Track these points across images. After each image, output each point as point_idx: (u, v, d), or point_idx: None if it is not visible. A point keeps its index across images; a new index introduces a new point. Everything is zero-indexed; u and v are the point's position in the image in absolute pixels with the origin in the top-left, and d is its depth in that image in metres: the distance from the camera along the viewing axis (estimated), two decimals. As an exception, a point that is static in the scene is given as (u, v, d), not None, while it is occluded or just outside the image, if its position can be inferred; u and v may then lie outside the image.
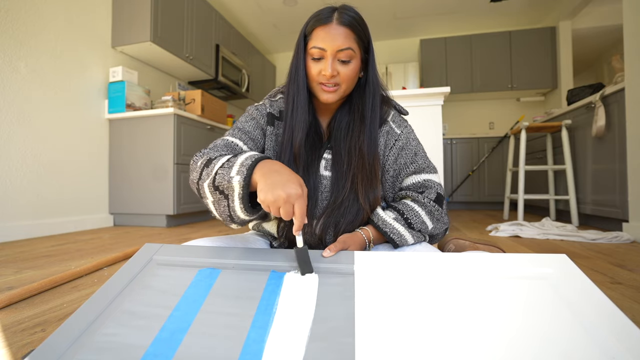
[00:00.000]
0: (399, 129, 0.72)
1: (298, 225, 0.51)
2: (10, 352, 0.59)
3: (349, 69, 0.64)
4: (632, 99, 1.82)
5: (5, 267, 1.24)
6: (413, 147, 0.71)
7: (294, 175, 0.52)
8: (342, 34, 0.62)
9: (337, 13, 0.63)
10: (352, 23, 0.63)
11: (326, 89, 0.64)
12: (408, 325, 0.42)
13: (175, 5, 2.76)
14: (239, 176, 0.53)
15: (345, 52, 0.62)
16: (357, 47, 0.64)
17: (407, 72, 4.30)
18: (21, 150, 1.92)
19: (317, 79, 0.65)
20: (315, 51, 0.63)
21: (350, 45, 0.62)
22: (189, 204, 2.52)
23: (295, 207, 0.50)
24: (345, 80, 0.64)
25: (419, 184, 0.69)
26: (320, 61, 0.64)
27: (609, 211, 2.07)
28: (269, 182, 0.50)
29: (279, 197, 0.49)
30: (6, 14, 1.86)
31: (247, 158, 0.55)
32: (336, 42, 0.62)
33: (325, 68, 0.63)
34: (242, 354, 0.40)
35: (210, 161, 0.59)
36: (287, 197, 0.49)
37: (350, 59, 0.63)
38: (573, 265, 0.49)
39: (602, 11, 3.66)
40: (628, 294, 0.92)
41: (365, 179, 0.66)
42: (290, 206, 0.50)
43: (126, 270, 0.56)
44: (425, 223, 0.65)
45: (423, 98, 2.05)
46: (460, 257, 0.52)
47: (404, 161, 0.70)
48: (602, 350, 0.36)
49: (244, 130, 0.70)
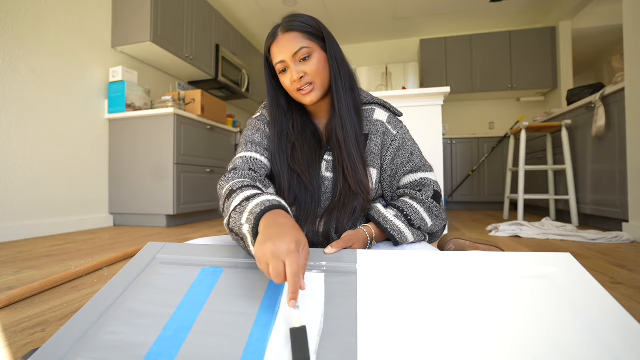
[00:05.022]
0: (395, 130, 0.73)
1: (292, 292, 0.41)
2: (10, 352, 0.59)
3: (312, 64, 0.66)
4: (632, 99, 1.82)
5: (5, 267, 1.23)
6: (409, 147, 0.73)
7: (294, 230, 0.46)
8: (290, 39, 0.66)
9: (280, 26, 0.68)
10: (295, 26, 0.66)
11: (303, 92, 0.67)
12: (411, 324, 0.42)
13: (175, 5, 2.76)
14: (248, 225, 0.51)
15: (300, 52, 0.65)
16: (310, 42, 0.67)
17: (407, 72, 4.30)
18: (21, 150, 1.92)
19: (292, 88, 0.68)
20: (279, 66, 0.68)
21: (301, 45, 0.65)
22: (189, 204, 2.51)
23: (286, 264, 0.42)
24: (314, 74, 0.67)
25: (416, 183, 0.70)
26: (287, 72, 0.68)
27: (609, 211, 2.08)
28: (264, 236, 0.45)
29: (266, 252, 0.43)
30: (6, 14, 1.85)
31: (257, 205, 0.53)
32: (288, 49, 0.66)
33: (292, 75, 0.66)
34: (245, 352, 0.40)
35: (230, 194, 0.59)
36: (274, 252, 0.42)
37: (308, 55, 0.66)
38: (577, 264, 0.48)
39: (602, 11, 3.66)
40: (628, 294, 0.93)
41: (348, 166, 0.67)
42: (279, 263, 0.42)
43: (129, 269, 0.56)
44: (424, 220, 0.67)
45: (423, 98, 2.05)
46: (463, 255, 0.52)
47: (401, 161, 0.72)
48: (606, 349, 0.36)
49: (255, 142, 0.73)
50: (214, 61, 3.29)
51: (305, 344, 0.41)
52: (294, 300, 0.41)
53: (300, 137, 0.73)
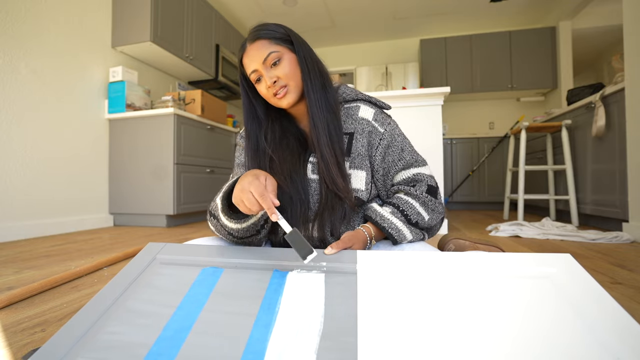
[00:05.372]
0: (382, 127, 0.71)
1: (267, 209, 0.51)
2: (10, 352, 0.59)
3: (283, 67, 0.67)
4: (632, 99, 1.82)
5: (5, 267, 1.23)
6: (399, 144, 0.72)
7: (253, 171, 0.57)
8: (258, 47, 0.67)
9: (248, 38, 0.69)
10: (261, 35, 0.67)
11: (279, 96, 0.68)
12: (411, 324, 0.42)
13: (175, 5, 2.76)
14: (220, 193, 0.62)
15: (269, 57, 0.66)
16: (278, 47, 0.67)
17: (407, 72, 4.30)
18: (21, 150, 1.92)
19: (269, 94, 0.68)
20: (252, 76, 0.69)
21: (269, 50, 0.66)
22: (189, 204, 2.52)
23: (253, 192, 0.51)
24: (287, 77, 0.67)
25: (410, 179, 0.70)
26: (261, 80, 0.69)
27: (609, 211, 2.08)
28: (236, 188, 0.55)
29: (237, 193, 0.54)
30: (6, 14, 1.85)
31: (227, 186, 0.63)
32: (258, 57, 0.67)
33: (266, 81, 0.67)
34: (245, 352, 0.40)
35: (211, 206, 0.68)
36: (241, 189, 0.53)
37: (278, 59, 0.67)
38: (577, 265, 0.48)
39: (602, 11, 3.66)
40: (628, 294, 0.93)
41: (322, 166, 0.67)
42: (248, 194, 0.52)
43: (130, 269, 0.56)
44: (421, 214, 0.67)
45: (423, 98, 2.05)
46: (463, 256, 0.52)
47: (392, 159, 0.71)
48: (606, 350, 0.36)
49: (241, 164, 0.77)
50: (214, 61, 3.29)
51: (304, 241, 0.51)
52: (274, 214, 0.51)
53: (279, 145, 0.73)
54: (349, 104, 0.75)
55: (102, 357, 0.40)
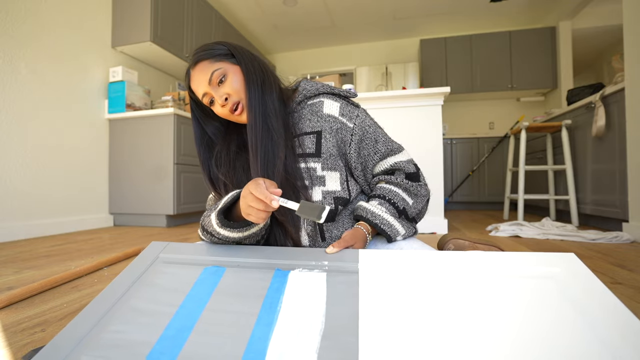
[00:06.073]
0: (351, 122, 0.69)
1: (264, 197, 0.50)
2: (10, 352, 0.59)
3: (230, 82, 0.65)
4: (632, 99, 1.82)
5: (5, 267, 1.23)
6: (371, 135, 0.70)
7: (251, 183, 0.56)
8: (200, 70, 0.66)
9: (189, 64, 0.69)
10: (200, 57, 0.67)
11: (236, 113, 0.66)
12: (412, 324, 0.42)
13: (175, 5, 2.76)
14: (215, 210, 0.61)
15: (213, 76, 0.65)
16: (220, 63, 0.66)
17: (407, 72, 4.30)
18: (21, 150, 1.91)
19: (226, 113, 0.67)
20: (205, 100, 0.68)
21: (212, 69, 0.65)
22: (189, 204, 2.51)
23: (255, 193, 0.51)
24: (236, 92, 0.65)
25: (388, 170, 0.71)
26: (214, 102, 0.67)
27: (609, 211, 2.08)
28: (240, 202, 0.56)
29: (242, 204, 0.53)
30: (6, 14, 1.85)
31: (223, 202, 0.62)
32: (202, 79, 0.66)
33: (217, 100, 0.66)
34: (247, 351, 0.40)
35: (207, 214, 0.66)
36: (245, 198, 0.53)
37: (223, 76, 0.65)
38: (581, 265, 0.48)
39: (602, 11, 3.66)
40: (628, 294, 0.92)
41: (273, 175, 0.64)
42: (252, 199, 0.51)
43: (133, 268, 0.56)
44: (405, 200, 0.68)
45: (423, 98, 2.05)
46: (466, 255, 0.52)
47: (367, 152, 0.70)
48: (609, 349, 0.36)
49: None
50: (214, 61, 3.29)
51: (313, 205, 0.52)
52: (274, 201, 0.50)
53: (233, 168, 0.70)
54: (311, 100, 0.71)
55: (105, 355, 0.40)
